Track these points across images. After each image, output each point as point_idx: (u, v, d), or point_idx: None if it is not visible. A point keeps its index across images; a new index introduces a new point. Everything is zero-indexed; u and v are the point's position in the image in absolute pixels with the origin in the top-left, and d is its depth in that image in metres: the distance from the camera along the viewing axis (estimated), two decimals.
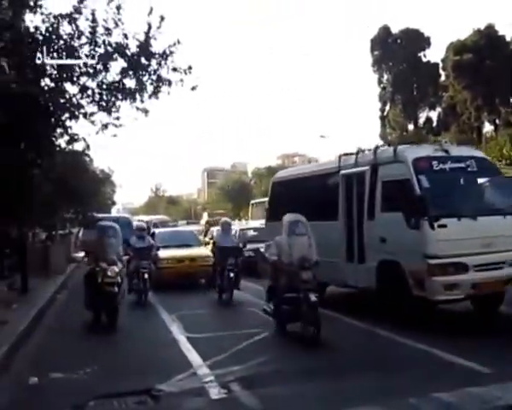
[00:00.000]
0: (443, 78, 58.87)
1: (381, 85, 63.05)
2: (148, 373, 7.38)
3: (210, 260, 15.86)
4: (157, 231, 21.46)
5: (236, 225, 29.97)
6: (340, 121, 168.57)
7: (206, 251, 17.53)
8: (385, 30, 61.34)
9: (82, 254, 32.90)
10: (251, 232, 22.00)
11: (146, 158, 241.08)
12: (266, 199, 38.41)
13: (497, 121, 53.13)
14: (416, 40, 60.58)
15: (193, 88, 11.30)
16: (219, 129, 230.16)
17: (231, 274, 13.31)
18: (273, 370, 7.32)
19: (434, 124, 60.79)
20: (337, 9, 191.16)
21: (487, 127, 55.31)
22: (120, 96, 11.25)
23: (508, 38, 52.46)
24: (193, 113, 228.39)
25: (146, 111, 11.50)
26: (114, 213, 58.93)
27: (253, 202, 41.02)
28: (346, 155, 12.12)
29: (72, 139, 12.07)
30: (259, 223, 26.37)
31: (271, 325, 9.85)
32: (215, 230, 26.63)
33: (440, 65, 58.70)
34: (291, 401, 6.16)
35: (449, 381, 6.44)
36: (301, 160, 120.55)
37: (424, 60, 61.19)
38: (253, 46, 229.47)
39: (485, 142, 37.12)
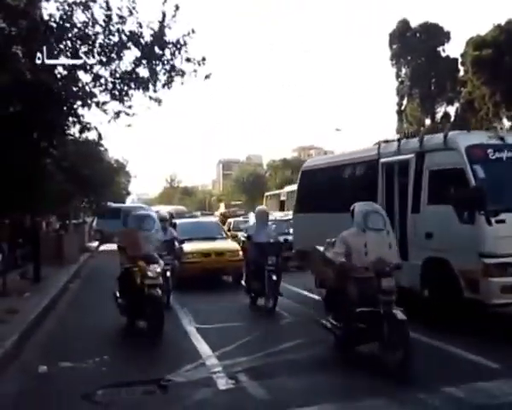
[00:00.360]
0: (461, 73, 58.26)
1: (399, 79, 62.53)
2: (156, 363, 7.39)
3: (239, 254, 14.75)
4: (178, 221, 19.32)
5: (252, 217, 29.82)
6: (356, 115, 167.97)
7: (234, 244, 16.25)
8: (404, 24, 60.78)
9: (96, 243, 33.15)
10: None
11: (161, 149, 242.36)
12: (280, 191, 38.67)
13: None
14: (436, 34, 60.00)
15: (206, 77, 11.25)
16: (235, 121, 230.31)
17: (273, 276, 10.94)
18: (281, 361, 7.30)
19: (452, 119, 60.24)
20: (359, 2, 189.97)
21: (506, 123, 54.69)
22: (133, 86, 11.25)
23: None
24: (208, 104, 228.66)
25: (159, 101, 11.49)
26: (129, 203, 59.38)
27: (267, 194, 41.03)
28: (386, 141, 11.36)
29: (85, 128, 12.09)
30: (279, 215, 26.26)
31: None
32: (232, 221, 26.10)
33: (459, 60, 58.06)
34: (299, 392, 6.12)
35: (459, 376, 6.39)
36: (317, 152, 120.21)
37: (443, 54, 60.57)
38: (270, 37, 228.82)
39: None
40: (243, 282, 12.66)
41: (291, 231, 19.12)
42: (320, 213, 12.44)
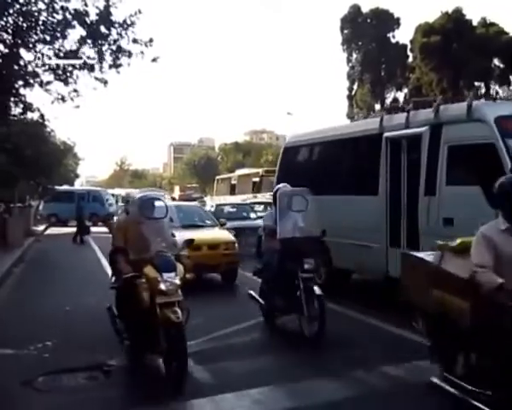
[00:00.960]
0: (410, 59, 59.28)
1: (350, 64, 63.17)
2: (100, 349, 7.29)
3: (235, 247, 12.31)
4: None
5: (209, 200, 29.56)
6: (307, 99, 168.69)
7: (229, 235, 12.98)
8: (355, 9, 61.29)
9: (42, 227, 32.29)
10: (227, 208, 20.33)
11: (111, 131, 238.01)
12: (231, 174, 38.61)
13: None
14: (386, 21, 60.77)
15: (154, 59, 11.13)
16: (186, 103, 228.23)
17: (316, 289, 7.49)
18: (227, 345, 7.33)
19: (401, 104, 61.25)
20: None
21: None
22: (78, 66, 10.98)
23: (474, 23, 53.03)
24: (159, 86, 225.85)
25: (105, 82, 11.28)
26: (77, 185, 58.25)
27: (218, 177, 40.93)
28: (390, 111, 10.30)
29: (27, 108, 11.73)
30: (240, 198, 26.13)
31: None
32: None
33: (409, 46, 59.05)
34: (243, 375, 6.16)
35: (398, 354, 6.57)
36: (268, 136, 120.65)
37: (393, 40, 61.48)
38: (223, 20, 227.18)
39: None
40: (251, 293, 8.95)
41: (251, 215, 19.19)
42: None
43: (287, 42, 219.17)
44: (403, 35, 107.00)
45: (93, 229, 27.54)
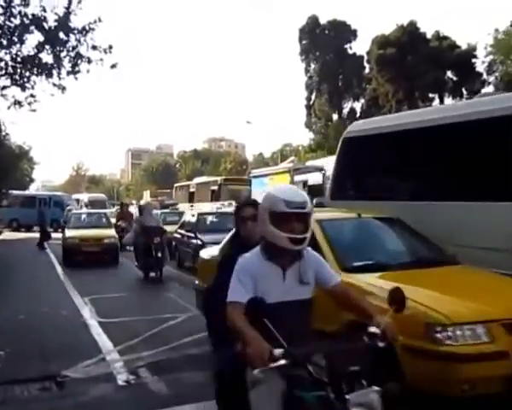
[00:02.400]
0: (367, 70, 60.34)
1: (308, 75, 63.86)
2: (54, 359, 7.20)
3: None
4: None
5: (187, 208, 27.78)
6: (266, 108, 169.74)
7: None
8: (313, 20, 62.06)
9: None
10: (210, 218, 18.09)
11: (68, 135, 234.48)
12: (190, 182, 38.47)
13: None
14: (343, 32, 61.72)
15: (113, 66, 11.07)
16: (145, 109, 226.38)
17: None
18: (184, 355, 7.32)
19: (358, 115, 62.26)
20: None
21: None
22: (36, 71, 10.83)
23: (428, 36, 54.38)
24: (118, 92, 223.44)
25: (63, 88, 11.15)
26: (33, 190, 57.05)
27: (176, 185, 40.78)
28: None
29: None
30: (215, 207, 24.94)
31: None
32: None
33: (365, 58, 60.10)
34: (199, 386, 6.16)
35: None
36: (227, 144, 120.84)
37: (350, 52, 62.48)
38: (184, 27, 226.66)
39: None
40: None
41: None
42: (385, 202, 8.05)
43: (247, 51, 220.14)
44: (360, 46, 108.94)
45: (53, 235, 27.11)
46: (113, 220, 22.25)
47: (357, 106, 63.58)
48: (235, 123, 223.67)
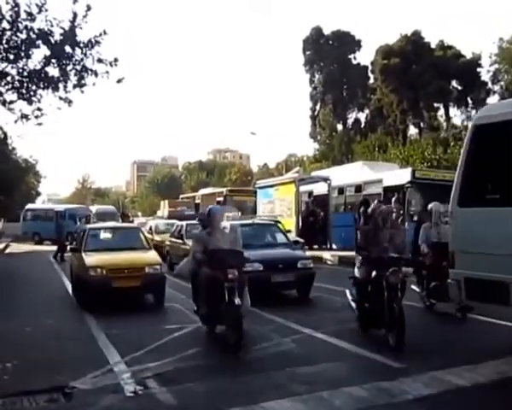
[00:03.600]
0: (371, 80, 60.47)
1: (313, 85, 64.07)
2: (61, 370, 7.20)
3: None
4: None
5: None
6: (271, 118, 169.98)
7: None
8: (317, 31, 62.36)
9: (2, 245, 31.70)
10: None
11: (74, 149, 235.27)
12: (195, 194, 38.58)
13: (422, 125, 55.06)
14: (347, 42, 61.99)
15: (119, 81, 11.12)
16: (150, 121, 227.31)
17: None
18: (191, 366, 7.32)
19: (362, 125, 62.34)
20: (274, 7, 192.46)
21: (412, 130, 57.26)
22: (42, 85, 10.92)
23: (432, 45, 54.47)
24: (123, 104, 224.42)
25: (70, 101, 11.23)
26: (40, 203, 57.25)
27: (182, 196, 40.88)
28: None
29: None
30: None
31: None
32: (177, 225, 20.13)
33: (369, 68, 60.26)
34: (206, 397, 6.17)
35: (361, 375, 6.67)
36: (232, 155, 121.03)
37: (354, 62, 62.69)
38: (185, 40, 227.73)
39: (410, 144, 38.33)
40: None
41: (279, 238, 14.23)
42: None
43: (251, 62, 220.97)
44: (364, 57, 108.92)
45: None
46: None
47: (362, 116, 63.77)
48: (240, 134, 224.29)
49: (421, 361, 7.16)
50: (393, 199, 20.94)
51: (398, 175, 21.73)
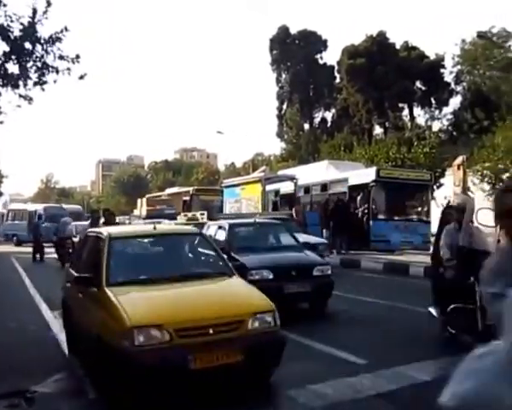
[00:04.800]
0: (338, 80, 60.95)
1: (279, 85, 64.26)
2: (23, 375, 7.03)
3: None
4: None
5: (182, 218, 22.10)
6: (237, 117, 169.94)
7: None
8: (284, 30, 62.55)
9: None
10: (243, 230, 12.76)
11: (36, 148, 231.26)
12: (162, 193, 38.25)
13: (387, 124, 55.73)
14: (314, 42, 62.35)
15: (81, 77, 10.92)
16: (115, 119, 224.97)
17: None
18: None
19: (329, 124, 62.79)
20: (239, 6, 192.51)
21: (377, 130, 57.90)
22: (1, 83, 10.66)
23: (397, 46, 55.19)
24: (87, 102, 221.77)
25: (30, 99, 10.97)
26: (1, 204, 56.09)
27: (148, 196, 40.54)
28: None
29: None
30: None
31: None
32: None
33: (336, 67, 60.73)
34: (171, 401, 6.09)
35: (325, 372, 6.69)
36: (199, 154, 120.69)
37: (321, 62, 63.09)
38: (150, 37, 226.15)
39: (375, 143, 38.77)
40: None
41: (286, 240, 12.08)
42: None
43: (216, 61, 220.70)
44: (330, 56, 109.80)
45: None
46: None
47: (329, 116, 64.22)
48: (207, 133, 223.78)
49: (384, 357, 7.23)
50: (359, 198, 21.25)
51: (363, 174, 21.93)
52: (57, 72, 10.77)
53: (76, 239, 19.65)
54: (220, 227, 12.25)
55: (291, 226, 14.28)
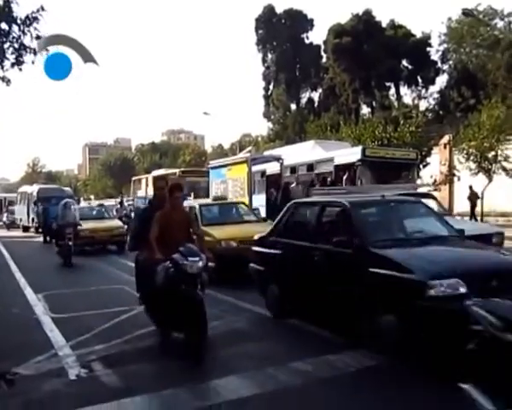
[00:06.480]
0: (324, 60, 60.74)
1: (265, 65, 63.94)
2: (4, 357, 7.02)
3: None
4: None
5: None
6: (224, 98, 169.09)
7: None
8: (269, 9, 62.10)
9: None
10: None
11: (21, 131, 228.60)
12: (147, 175, 38.03)
13: (374, 104, 55.69)
14: (300, 21, 62.02)
15: None
16: (102, 102, 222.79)
17: None
18: (137, 348, 7.25)
19: (316, 104, 62.65)
20: None
21: (365, 109, 57.84)
22: None
23: (383, 25, 55.01)
24: (74, 85, 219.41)
25: (8, 81, 10.81)
26: None
27: (134, 178, 40.34)
28: None
29: None
30: None
31: None
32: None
33: (322, 47, 60.48)
34: (151, 377, 6.12)
35: (306, 350, 6.74)
36: (187, 136, 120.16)
37: (307, 41, 62.79)
38: (138, 19, 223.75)
39: (362, 123, 38.72)
40: None
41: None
42: None
43: (203, 42, 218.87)
44: (316, 36, 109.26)
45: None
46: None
47: (315, 96, 64.05)
48: (194, 115, 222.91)
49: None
50: (344, 177, 21.25)
51: (348, 153, 21.84)
52: (35, 53, 10.62)
53: (84, 226, 18.29)
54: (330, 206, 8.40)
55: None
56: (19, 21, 10.34)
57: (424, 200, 9.57)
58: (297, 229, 8.76)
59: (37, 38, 10.49)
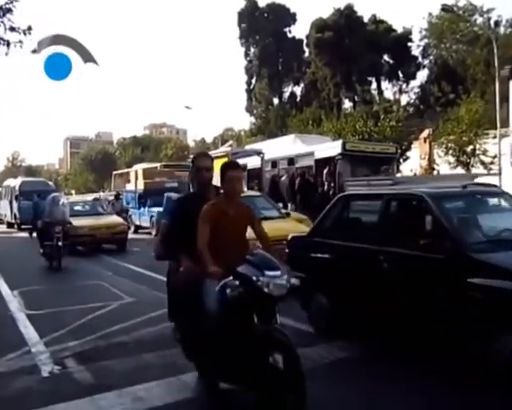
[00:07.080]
0: (307, 54, 60.79)
1: (248, 59, 63.83)
2: None
3: None
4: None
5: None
6: (206, 92, 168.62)
7: None
8: (252, 3, 61.96)
9: None
10: None
11: (0, 125, 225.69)
12: (128, 170, 37.74)
13: (356, 98, 55.87)
14: (282, 15, 61.96)
15: (34, 51, 10.61)
16: (83, 95, 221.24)
17: None
18: (111, 344, 7.20)
19: (298, 99, 62.70)
20: None
21: (347, 104, 58.02)
22: None
23: (365, 20, 55.18)
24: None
25: None
26: None
27: (115, 172, 40.06)
28: None
29: None
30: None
31: None
32: None
33: (304, 41, 60.50)
34: (126, 373, 6.07)
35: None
36: (168, 130, 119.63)
37: (289, 35, 62.77)
38: (119, 12, 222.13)
39: (344, 117, 38.86)
40: None
41: None
42: None
43: (185, 35, 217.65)
44: (299, 30, 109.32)
45: None
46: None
47: (298, 90, 64.10)
48: (177, 108, 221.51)
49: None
50: (325, 171, 21.29)
51: (329, 147, 21.89)
52: (8, 44, 10.47)
53: (77, 223, 17.05)
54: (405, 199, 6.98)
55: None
56: None
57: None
58: (352, 228, 7.36)
59: (12, 29, 10.35)
